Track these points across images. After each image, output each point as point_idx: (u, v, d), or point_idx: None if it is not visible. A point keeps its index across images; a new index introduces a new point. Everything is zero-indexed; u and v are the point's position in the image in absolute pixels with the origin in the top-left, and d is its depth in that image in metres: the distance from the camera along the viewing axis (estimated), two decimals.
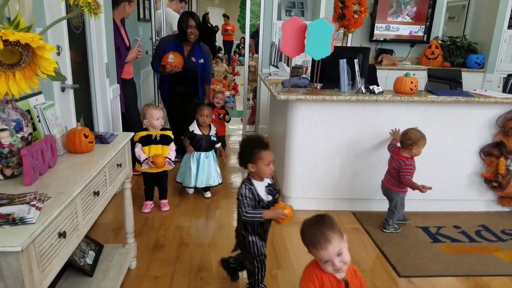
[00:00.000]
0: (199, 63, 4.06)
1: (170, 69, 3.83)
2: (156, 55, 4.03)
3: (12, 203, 1.26)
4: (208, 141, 3.46)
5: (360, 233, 3.03)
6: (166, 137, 3.17)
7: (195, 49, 4.05)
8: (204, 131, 3.44)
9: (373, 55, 6.11)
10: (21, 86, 1.33)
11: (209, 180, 3.48)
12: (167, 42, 4.02)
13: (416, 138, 2.84)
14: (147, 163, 3.08)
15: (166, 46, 3.95)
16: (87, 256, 2.23)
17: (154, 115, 3.09)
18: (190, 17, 3.86)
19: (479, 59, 5.69)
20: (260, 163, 2.02)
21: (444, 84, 3.52)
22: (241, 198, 2.04)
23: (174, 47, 3.94)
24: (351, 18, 5.02)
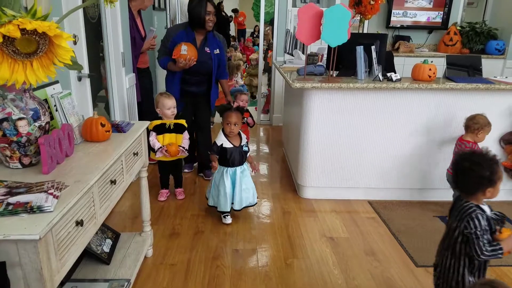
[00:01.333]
0: (214, 53, 3.40)
1: (184, 63, 3.17)
2: (163, 48, 3.37)
3: (30, 192, 1.28)
4: (241, 153, 2.91)
5: (376, 222, 3.00)
6: (179, 126, 3.14)
7: (209, 38, 3.38)
8: (234, 142, 2.89)
9: (390, 42, 6.01)
10: (38, 75, 1.33)
11: (248, 198, 2.95)
12: (176, 31, 3.33)
13: (483, 123, 2.87)
14: (161, 151, 3.06)
15: (175, 36, 3.30)
16: (104, 244, 2.25)
17: (166, 104, 3.07)
18: (208, 1, 3.24)
19: (500, 45, 5.56)
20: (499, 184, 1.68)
21: (463, 71, 3.45)
22: (475, 231, 1.61)
23: (185, 36, 3.30)
24: (367, 5, 4.92)
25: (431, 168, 3.28)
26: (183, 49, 3.16)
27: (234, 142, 2.89)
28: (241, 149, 2.91)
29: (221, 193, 2.89)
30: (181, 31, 3.31)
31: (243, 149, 2.92)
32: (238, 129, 2.90)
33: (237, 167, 2.90)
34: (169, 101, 3.09)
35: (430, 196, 3.34)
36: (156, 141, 3.08)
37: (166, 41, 3.32)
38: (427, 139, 3.20)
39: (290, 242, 2.72)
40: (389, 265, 2.50)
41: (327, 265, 2.48)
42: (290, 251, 2.62)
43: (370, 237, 2.80)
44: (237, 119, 2.86)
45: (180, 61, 3.16)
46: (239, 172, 2.90)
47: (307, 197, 3.36)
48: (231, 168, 2.89)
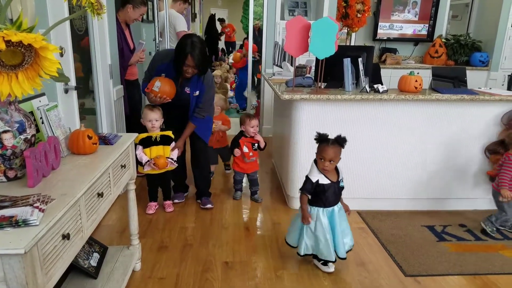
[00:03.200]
0: (193, 95, 3.07)
1: (154, 99, 2.91)
2: (148, 73, 3.08)
3: (15, 205, 1.26)
4: (338, 189, 2.45)
5: (365, 233, 3.01)
6: (166, 138, 3.09)
7: (192, 79, 3.01)
8: (331, 177, 2.41)
9: (376, 54, 6.09)
10: (24, 87, 1.32)
11: (348, 242, 2.51)
12: (163, 60, 3.00)
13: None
14: (149, 165, 3.01)
15: (160, 65, 2.98)
16: (91, 258, 2.22)
17: (147, 116, 3.01)
18: (190, 54, 2.81)
19: (483, 57, 5.66)
20: None
21: (449, 82, 3.50)
22: None
23: (169, 70, 2.95)
24: (354, 17, 5.01)
25: (418, 178, 3.30)
26: (156, 85, 2.88)
27: (331, 177, 2.41)
28: (338, 185, 2.44)
29: (320, 240, 2.41)
30: (167, 64, 2.96)
31: (340, 184, 2.46)
32: (334, 165, 2.42)
33: (334, 207, 2.45)
34: (150, 113, 3.00)
35: (418, 206, 3.36)
36: (143, 154, 3.03)
37: (151, 67, 3.05)
38: (414, 150, 3.23)
39: (280, 254, 2.71)
40: (378, 275, 2.50)
41: (317, 277, 2.47)
42: (280, 263, 2.61)
43: (360, 248, 2.80)
44: (334, 155, 2.36)
45: (150, 96, 2.92)
46: (337, 212, 2.44)
47: (297, 208, 3.34)
48: (327, 209, 2.44)
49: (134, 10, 3.56)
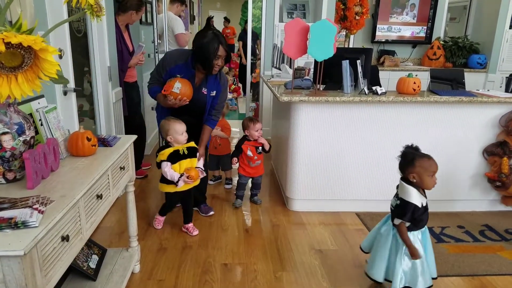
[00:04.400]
0: (210, 95, 2.92)
1: (173, 102, 2.72)
2: (156, 76, 2.89)
3: (14, 207, 1.26)
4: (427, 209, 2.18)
5: (364, 234, 3.00)
6: (192, 149, 2.85)
7: (209, 79, 2.88)
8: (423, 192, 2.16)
9: (375, 57, 6.10)
10: (24, 89, 1.32)
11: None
12: (176, 62, 2.81)
13: None
14: (183, 180, 2.76)
15: (174, 68, 2.80)
16: (90, 260, 2.22)
17: (178, 130, 2.74)
18: (220, 43, 2.71)
19: (481, 59, 5.68)
20: None
21: (447, 84, 3.51)
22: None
23: (184, 71, 2.80)
24: (353, 20, 5.03)
25: None
26: (176, 86, 2.70)
27: (423, 193, 2.16)
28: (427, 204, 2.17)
29: (418, 267, 2.10)
30: (181, 64, 2.80)
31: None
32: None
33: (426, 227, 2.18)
34: (181, 126, 2.77)
35: None
36: (173, 171, 2.77)
37: (162, 69, 2.84)
38: None
39: (279, 255, 2.71)
40: None
41: (316, 278, 2.47)
42: (279, 264, 2.61)
43: (358, 249, 2.80)
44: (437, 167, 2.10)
45: (169, 98, 2.71)
46: (427, 233, 2.20)
47: (296, 209, 3.36)
48: (421, 230, 2.16)
49: (137, 14, 3.65)
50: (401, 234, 2.08)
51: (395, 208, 2.15)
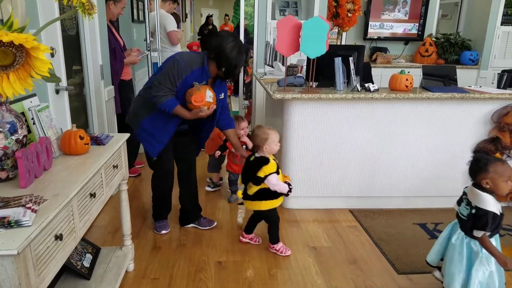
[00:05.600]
0: (219, 98, 2.69)
1: (206, 112, 2.47)
2: (169, 86, 2.46)
3: (7, 206, 1.25)
4: None
5: (358, 231, 3.02)
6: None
7: (217, 82, 2.67)
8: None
9: (367, 54, 6.12)
10: (15, 88, 1.31)
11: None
12: (191, 68, 2.47)
13: None
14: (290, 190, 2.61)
15: (190, 75, 2.47)
16: (84, 259, 2.21)
17: (276, 139, 2.57)
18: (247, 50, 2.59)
19: (473, 55, 5.72)
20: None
21: (439, 81, 3.53)
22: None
23: (200, 77, 2.50)
24: (345, 17, 5.03)
25: (410, 176, 3.33)
26: (208, 95, 2.44)
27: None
28: None
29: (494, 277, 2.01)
30: (197, 70, 2.49)
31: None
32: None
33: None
34: (277, 136, 2.60)
35: (410, 204, 3.38)
36: (282, 182, 2.58)
37: (177, 77, 2.45)
38: (405, 148, 3.25)
39: (273, 253, 2.71)
40: (371, 273, 2.51)
41: (310, 275, 2.48)
42: (273, 262, 2.61)
43: (352, 246, 2.82)
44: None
45: (203, 109, 2.44)
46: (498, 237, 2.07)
47: (290, 207, 3.36)
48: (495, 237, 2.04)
49: (115, 5, 3.54)
50: (486, 246, 1.96)
51: (472, 218, 2.01)
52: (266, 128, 2.59)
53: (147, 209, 3.30)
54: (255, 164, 2.55)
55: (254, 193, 2.59)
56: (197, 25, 13.96)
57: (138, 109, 2.68)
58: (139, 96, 2.72)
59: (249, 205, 2.69)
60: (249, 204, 2.68)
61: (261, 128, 2.59)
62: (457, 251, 2.08)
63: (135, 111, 2.70)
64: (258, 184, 2.55)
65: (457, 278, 2.05)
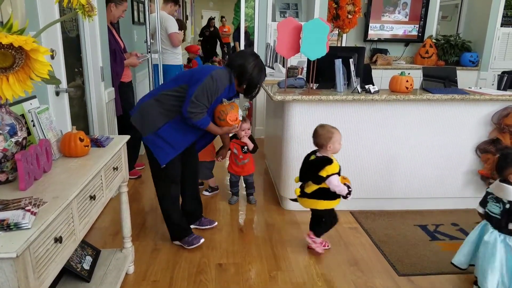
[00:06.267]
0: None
1: (235, 130, 2.70)
2: (206, 103, 2.43)
3: (6, 209, 1.25)
4: None
5: (358, 233, 3.02)
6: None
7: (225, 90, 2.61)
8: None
9: (367, 55, 6.12)
10: (15, 90, 1.31)
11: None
12: (224, 84, 2.50)
13: None
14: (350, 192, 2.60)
15: (223, 93, 2.53)
16: (84, 261, 2.21)
17: (340, 139, 2.57)
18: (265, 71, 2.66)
19: (473, 57, 5.72)
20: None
21: (439, 82, 3.53)
22: None
23: (227, 93, 2.58)
24: (345, 19, 5.04)
25: (411, 177, 3.32)
26: (240, 114, 2.59)
27: None
28: None
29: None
30: (227, 87, 2.54)
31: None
32: None
33: None
34: (340, 134, 2.59)
35: (410, 205, 3.38)
36: (342, 184, 2.57)
37: (214, 95, 2.44)
38: (405, 149, 3.24)
39: (274, 254, 2.71)
40: (372, 275, 2.51)
41: (311, 277, 2.47)
42: (274, 264, 2.61)
43: (353, 248, 2.81)
44: None
45: (234, 127, 2.61)
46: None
47: (290, 208, 3.36)
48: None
49: (117, 7, 3.54)
50: None
51: (507, 213, 2.08)
52: (329, 126, 2.58)
53: (147, 211, 3.30)
54: (318, 163, 2.55)
55: (312, 192, 2.59)
56: (197, 26, 14.00)
57: (155, 116, 2.52)
58: (157, 102, 2.52)
59: (306, 202, 2.69)
60: (306, 202, 2.68)
61: (325, 127, 2.58)
62: (490, 249, 2.12)
63: (152, 118, 2.52)
64: (318, 183, 2.55)
65: (492, 275, 2.09)
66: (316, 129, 2.61)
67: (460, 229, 3.09)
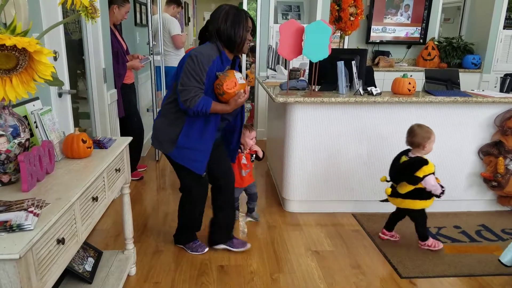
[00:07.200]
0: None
1: (245, 96, 2.32)
2: (197, 84, 2.22)
3: (9, 210, 1.25)
4: None
5: (361, 235, 3.01)
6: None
7: (236, 64, 2.48)
8: None
9: (370, 57, 6.12)
10: (18, 91, 1.31)
11: None
12: (210, 58, 2.26)
13: None
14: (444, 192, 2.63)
15: (212, 66, 2.26)
16: (86, 262, 2.21)
17: (435, 138, 2.60)
18: (245, 14, 2.34)
19: (476, 59, 5.71)
20: None
21: (442, 84, 3.52)
22: None
23: (221, 65, 2.33)
24: (347, 21, 5.04)
25: None
26: (238, 77, 2.27)
27: None
28: None
29: None
30: (217, 58, 2.29)
31: None
32: None
33: None
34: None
35: None
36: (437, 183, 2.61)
37: (200, 71, 2.21)
38: None
39: (276, 257, 2.70)
40: (374, 278, 2.50)
41: (313, 279, 2.47)
42: (276, 266, 2.60)
43: (355, 250, 2.81)
44: None
45: (240, 94, 2.27)
46: None
47: (292, 210, 3.35)
48: None
49: (119, 9, 3.55)
50: None
51: None
52: (426, 126, 2.61)
53: (149, 213, 3.29)
54: (414, 164, 2.59)
55: (406, 192, 2.64)
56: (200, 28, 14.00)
57: (166, 131, 2.40)
58: (162, 116, 2.43)
59: (399, 203, 2.73)
60: (400, 202, 2.73)
61: (423, 127, 2.61)
62: None
63: (165, 133, 2.40)
64: (415, 184, 2.60)
65: None
66: (413, 128, 2.65)
67: (462, 231, 3.08)
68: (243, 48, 2.36)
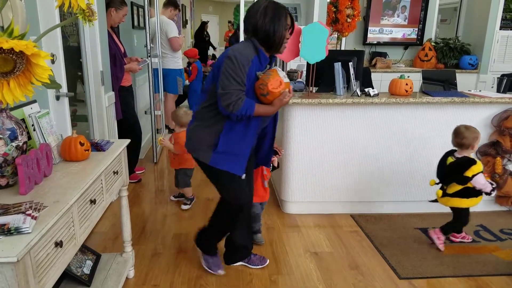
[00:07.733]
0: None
1: (290, 96, 2.14)
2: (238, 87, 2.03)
3: (7, 213, 1.25)
4: None
5: (359, 236, 3.01)
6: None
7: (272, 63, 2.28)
8: None
9: (367, 58, 6.13)
10: (16, 94, 1.31)
11: None
12: (249, 58, 2.07)
13: None
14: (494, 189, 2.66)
15: (251, 66, 2.07)
16: (84, 265, 2.20)
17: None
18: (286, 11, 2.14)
19: (472, 60, 5.73)
20: None
21: (439, 85, 3.53)
22: None
23: (259, 64, 2.13)
24: (344, 22, 5.04)
25: (411, 180, 3.32)
26: (282, 75, 2.12)
27: None
28: None
29: None
30: (255, 58, 2.10)
31: None
32: None
33: None
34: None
35: (411, 209, 3.37)
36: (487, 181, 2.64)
37: (241, 72, 2.02)
38: (406, 152, 3.25)
39: (274, 258, 2.70)
40: (372, 279, 2.50)
41: (312, 281, 2.47)
42: (274, 268, 2.60)
43: (354, 251, 2.81)
44: None
45: (285, 94, 2.11)
46: None
47: (291, 212, 3.35)
48: None
49: (117, 12, 3.55)
50: None
51: None
52: (472, 127, 2.65)
53: (148, 215, 3.29)
54: (463, 164, 2.63)
55: (455, 192, 2.70)
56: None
57: (202, 136, 2.21)
58: (198, 121, 2.24)
59: (448, 201, 2.78)
60: (449, 201, 2.77)
61: (470, 128, 2.65)
62: None
63: (201, 139, 2.22)
64: (464, 184, 2.64)
65: None
66: (460, 130, 2.68)
67: None
68: (281, 48, 2.18)
